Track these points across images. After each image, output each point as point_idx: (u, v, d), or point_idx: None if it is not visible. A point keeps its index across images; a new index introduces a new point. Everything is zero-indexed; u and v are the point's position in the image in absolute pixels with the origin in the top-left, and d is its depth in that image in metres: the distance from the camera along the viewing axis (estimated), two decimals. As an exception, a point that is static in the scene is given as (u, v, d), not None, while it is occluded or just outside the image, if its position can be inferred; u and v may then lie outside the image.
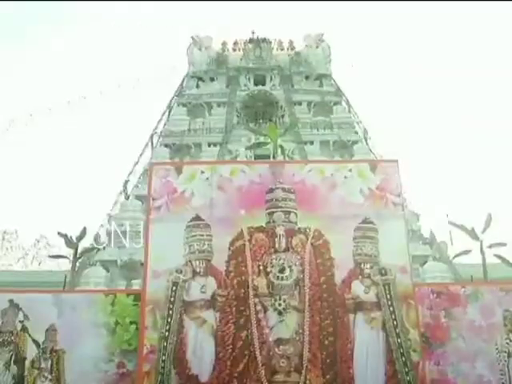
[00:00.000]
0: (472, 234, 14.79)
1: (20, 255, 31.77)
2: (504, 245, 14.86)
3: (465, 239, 15.71)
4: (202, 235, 9.98)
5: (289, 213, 10.14)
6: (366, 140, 26.03)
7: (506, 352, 9.66)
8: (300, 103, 27.36)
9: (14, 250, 31.90)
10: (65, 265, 21.55)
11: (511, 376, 9.54)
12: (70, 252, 16.02)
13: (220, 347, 9.37)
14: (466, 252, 15.28)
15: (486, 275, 13.87)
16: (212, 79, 28.40)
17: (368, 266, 9.91)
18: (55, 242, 27.32)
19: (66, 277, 14.19)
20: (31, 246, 31.84)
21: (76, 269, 16.09)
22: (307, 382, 9.23)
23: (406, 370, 9.35)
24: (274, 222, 10.07)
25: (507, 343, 9.71)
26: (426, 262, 18.08)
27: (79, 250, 15.66)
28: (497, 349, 9.66)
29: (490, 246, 14.65)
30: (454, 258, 16.38)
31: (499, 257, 14.65)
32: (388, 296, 9.71)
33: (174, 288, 9.67)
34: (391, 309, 9.65)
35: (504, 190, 41.85)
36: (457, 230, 16.09)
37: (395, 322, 9.57)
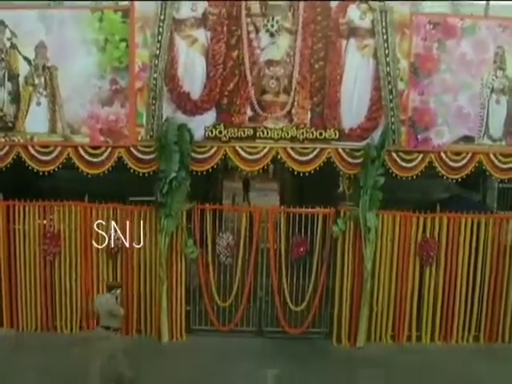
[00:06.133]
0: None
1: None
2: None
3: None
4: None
5: None
6: None
7: (489, 88, 9.89)
8: None
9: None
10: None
11: (489, 110, 9.93)
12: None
13: (211, 66, 9.45)
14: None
15: (487, 11, 13.17)
16: None
17: (366, -12, 9.45)
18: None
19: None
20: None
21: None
22: (295, 102, 9.58)
23: (391, 97, 9.66)
24: None
25: (493, 79, 9.87)
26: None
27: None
28: (481, 84, 9.85)
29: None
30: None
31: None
32: (383, 23, 9.48)
33: (164, 5, 9.28)
34: (385, 37, 9.52)
35: None
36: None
37: (387, 51, 9.55)
